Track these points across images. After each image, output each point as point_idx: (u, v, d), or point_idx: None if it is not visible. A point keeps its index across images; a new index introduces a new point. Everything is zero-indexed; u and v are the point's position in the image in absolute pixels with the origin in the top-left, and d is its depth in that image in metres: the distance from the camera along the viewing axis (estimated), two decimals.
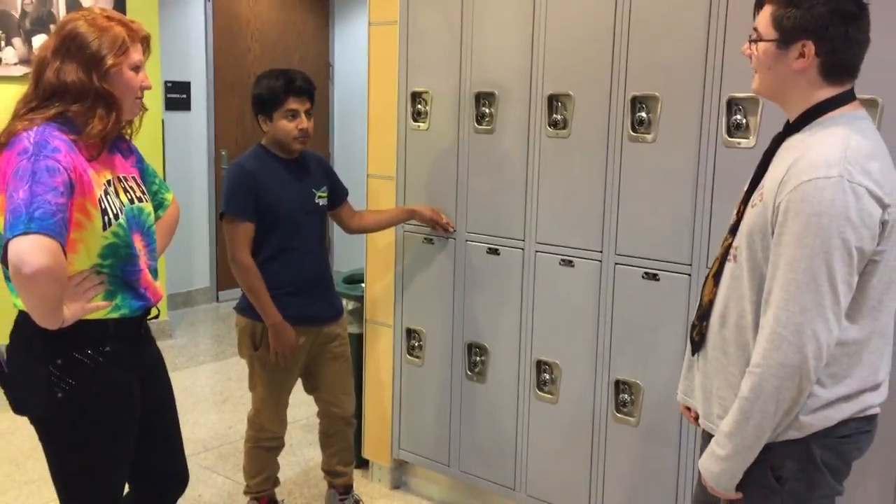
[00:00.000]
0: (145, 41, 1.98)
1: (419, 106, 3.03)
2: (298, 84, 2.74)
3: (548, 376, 2.83)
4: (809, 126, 1.64)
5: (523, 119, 2.77)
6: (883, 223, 1.54)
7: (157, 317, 2.11)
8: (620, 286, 2.62)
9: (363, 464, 3.48)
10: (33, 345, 1.91)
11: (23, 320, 1.91)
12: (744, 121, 2.35)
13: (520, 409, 2.91)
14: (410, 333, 3.19)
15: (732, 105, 2.36)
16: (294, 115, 2.73)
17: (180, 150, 5.78)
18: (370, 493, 3.35)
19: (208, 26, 6.03)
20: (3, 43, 4.49)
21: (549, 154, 2.73)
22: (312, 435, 3.84)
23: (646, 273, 2.56)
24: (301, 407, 4.09)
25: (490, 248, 2.91)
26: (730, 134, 2.37)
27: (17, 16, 4.53)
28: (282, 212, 2.74)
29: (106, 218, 1.87)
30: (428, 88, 3.00)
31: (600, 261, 2.65)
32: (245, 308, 2.82)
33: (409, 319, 3.19)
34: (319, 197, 2.87)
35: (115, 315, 1.95)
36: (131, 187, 1.99)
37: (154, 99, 5.21)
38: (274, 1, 6.46)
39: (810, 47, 1.60)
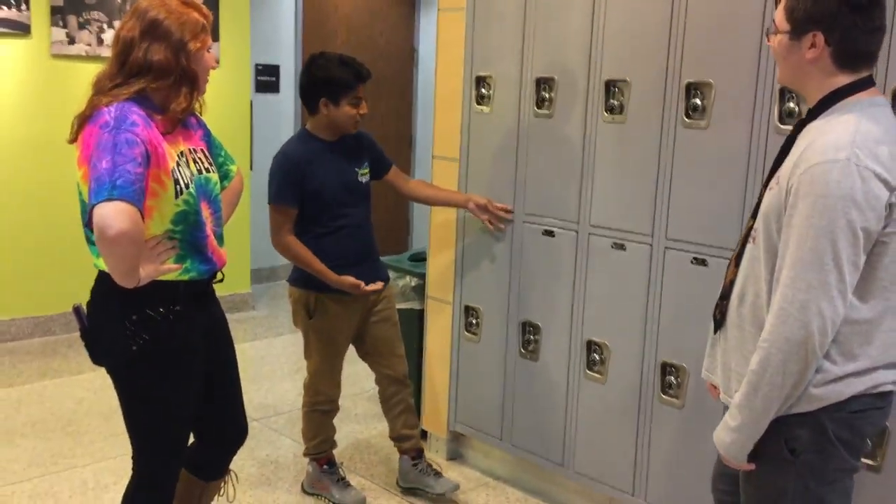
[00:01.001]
0: (211, 25, 2.15)
1: (483, 90, 3.13)
2: (364, 73, 2.91)
3: (597, 356, 2.90)
4: (827, 112, 1.69)
5: (581, 104, 2.83)
6: (890, 205, 1.59)
7: (221, 280, 2.28)
8: (670, 270, 2.66)
9: (422, 435, 3.62)
10: (111, 302, 2.09)
11: (103, 279, 2.10)
12: (797, 109, 2.36)
13: (570, 387, 2.99)
14: (468, 311, 3.30)
15: (785, 93, 2.37)
16: (358, 102, 2.90)
17: (268, 130, 6.03)
18: None
19: (298, 11, 6.25)
20: (105, 26, 4.80)
21: (605, 139, 2.79)
22: (377, 406, 4.00)
23: (695, 258, 2.60)
24: (369, 379, 4.26)
25: (546, 231, 2.99)
26: (782, 121, 2.38)
27: (119, 1, 4.83)
28: (329, 194, 2.91)
29: (178, 187, 2.04)
30: (492, 73, 3.09)
31: (651, 245, 2.70)
32: (297, 279, 3.00)
33: (467, 297, 3.30)
34: (362, 174, 3.01)
35: (185, 277, 2.13)
36: (200, 159, 2.16)
37: (244, 81, 5.47)
38: None
39: (820, 37, 1.66)
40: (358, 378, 3.28)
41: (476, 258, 3.25)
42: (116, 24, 4.80)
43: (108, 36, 4.79)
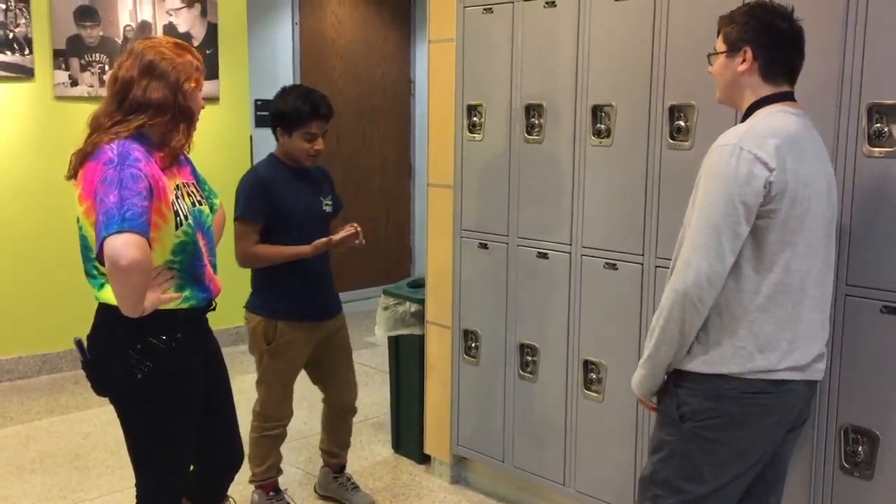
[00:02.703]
0: (203, 66, 2.25)
1: (474, 118, 3.21)
2: (323, 111, 2.95)
3: (594, 375, 2.94)
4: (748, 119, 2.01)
5: (569, 129, 2.90)
6: (770, 183, 1.87)
7: (214, 309, 2.34)
8: (661, 288, 2.70)
9: (425, 459, 3.66)
10: (115, 332, 2.15)
11: (104, 311, 2.16)
12: None
13: (568, 407, 3.03)
14: (467, 334, 3.35)
15: None
16: (312, 137, 2.95)
17: None
18: (431, 487, 3.52)
19: (295, 46, 6.37)
20: (106, 67, 4.91)
21: (593, 162, 2.86)
22: (382, 433, 4.05)
23: None
24: (372, 407, 4.32)
25: (539, 253, 3.05)
26: None
27: (119, 42, 4.94)
28: (294, 217, 2.96)
29: (178, 219, 2.12)
30: (482, 101, 3.17)
31: (641, 264, 2.76)
32: (257, 306, 3.04)
33: (465, 321, 3.35)
34: (326, 205, 3.09)
35: (184, 306, 2.19)
36: (192, 192, 2.24)
37: (243, 116, 5.57)
38: (357, 21, 6.77)
39: (749, 52, 1.99)
40: (363, 406, 3.34)
41: (473, 282, 3.31)
42: None
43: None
